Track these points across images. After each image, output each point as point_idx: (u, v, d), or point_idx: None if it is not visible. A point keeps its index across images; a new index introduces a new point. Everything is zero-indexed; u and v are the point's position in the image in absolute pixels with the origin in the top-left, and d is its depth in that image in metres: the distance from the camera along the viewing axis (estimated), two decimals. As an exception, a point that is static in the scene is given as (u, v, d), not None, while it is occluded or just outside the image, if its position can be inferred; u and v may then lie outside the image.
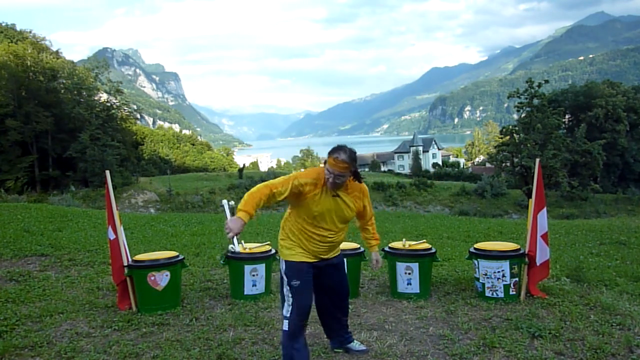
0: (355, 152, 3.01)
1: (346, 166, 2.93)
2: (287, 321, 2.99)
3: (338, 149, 2.96)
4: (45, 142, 41.79)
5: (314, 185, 3.00)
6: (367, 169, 78.74)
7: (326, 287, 3.26)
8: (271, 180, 3.02)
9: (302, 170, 3.12)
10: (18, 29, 54.38)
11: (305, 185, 2.98)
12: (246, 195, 2.87)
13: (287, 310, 3.01)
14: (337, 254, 3.28)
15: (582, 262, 6.45)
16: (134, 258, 4.46)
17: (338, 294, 3.33)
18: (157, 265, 4.35)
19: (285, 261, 3.07)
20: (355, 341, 3.47)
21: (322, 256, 3.15)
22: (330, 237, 3.11)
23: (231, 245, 2.99)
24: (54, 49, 51.98)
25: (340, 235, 3.19)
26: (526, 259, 4.48)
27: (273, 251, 4.93)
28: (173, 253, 4.59)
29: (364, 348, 3.44)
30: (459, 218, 17.75)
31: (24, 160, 40.04)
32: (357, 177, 3.13)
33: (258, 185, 2.96)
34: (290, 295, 3.01)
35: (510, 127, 43.34)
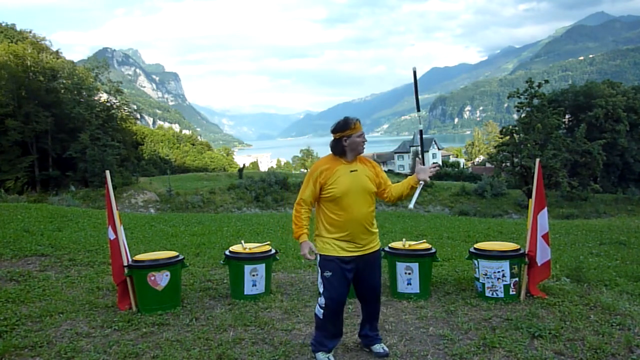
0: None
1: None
2: (322, 310, 3.17)
3: (349, 118, 3.19)
4: (45, 142, 41.75)
5: (328, 170, 3.17)
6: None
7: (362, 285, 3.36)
8: (299, 195, 3.24)
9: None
10: (18, 29, 54.36)
11: (322, 173, 3.15)
12: (293, 222, 3.21)
13: (321, 301, 3.19)
14: (375, 248, 3.30)
15: (582, 262, 6.45)
16: (134, 258, 4.46)
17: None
18: (157, 265, 4.35)
19: (321, 255, 3.19)
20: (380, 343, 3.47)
21: (359, 243, 3.19)
22: (362, 218, 3.18)
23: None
24: (54, 49, 51.95)
25: (371, 214, 3.25)
26: (526, 259, 4.48)
27: (273, 251, 4.93)
28: (173, 253, 4.58)
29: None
30: (459, 218, 17.75)
31: (24, 160, 39.98)
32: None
33: (294, 208, 3.23)
34: (322, 286, 3.17)
35: (510, 127, 43.27)
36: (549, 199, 34.74)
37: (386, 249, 4.86)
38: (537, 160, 4.78)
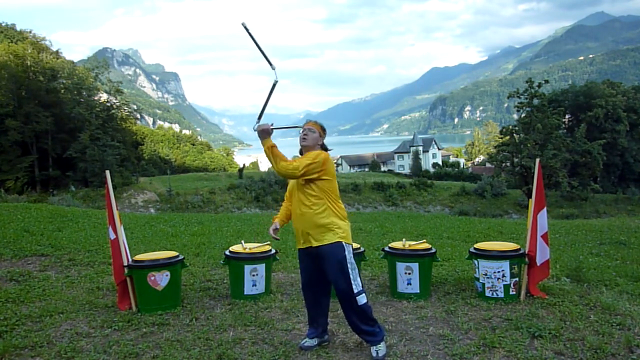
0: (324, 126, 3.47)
1: (312, 124, 3.40)
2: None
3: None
4: (45, 142, 41.79)
5: None
6: (367, 169, 78.73)
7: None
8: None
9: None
10: (18, 29, 54.42)
11: None
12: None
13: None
14: (318, 242, 3.31)
15: (582, 262, 6.44)
16: (134, 258, 4.46)
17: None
18: (157, 265, 4.34)
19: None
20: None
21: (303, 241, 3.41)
22: (299, 210, 3.36)
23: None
24: (54, 49, 51.98)
25: (308, 209, 3.30)
26: (526, 259, 4.48)
27: (273, 251, 4.93)
28: (173, 253, 4.58)
29: None
30: (459, 218, 17.72)
31: (24, 160, 40.03)
32: (323, 148, 3.47)
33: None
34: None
35: (510, 127, 43.30)
36: (549, 199, 34.75)
37: (386, 249, 4.87)
38: (537, 160, 4.78)
